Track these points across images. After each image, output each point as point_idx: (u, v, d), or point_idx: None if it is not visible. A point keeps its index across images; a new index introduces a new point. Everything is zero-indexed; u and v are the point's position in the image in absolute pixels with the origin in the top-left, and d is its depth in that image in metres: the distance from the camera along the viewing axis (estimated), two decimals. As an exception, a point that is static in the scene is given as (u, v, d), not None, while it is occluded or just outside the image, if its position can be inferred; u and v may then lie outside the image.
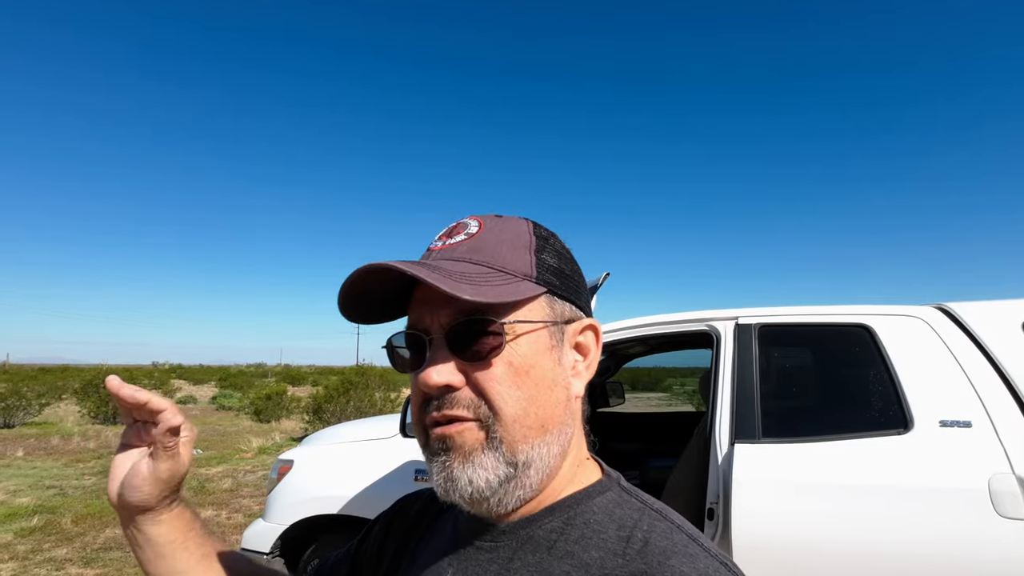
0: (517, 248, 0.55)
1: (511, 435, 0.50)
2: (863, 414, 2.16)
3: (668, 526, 0.51)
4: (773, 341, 2.41)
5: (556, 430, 0.53)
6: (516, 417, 0.50)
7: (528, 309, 0.53)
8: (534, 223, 0.59)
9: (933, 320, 2.21)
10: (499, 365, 0.50)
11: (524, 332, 0.52)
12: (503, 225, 0.57)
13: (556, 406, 0.53)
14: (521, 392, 0.50)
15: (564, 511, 0.53)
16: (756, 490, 2.03)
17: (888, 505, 1.90)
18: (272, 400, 15.56)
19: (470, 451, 0.50)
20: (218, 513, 6.34)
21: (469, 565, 0.55)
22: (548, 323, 0.54)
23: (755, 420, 2.20)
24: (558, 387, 0.53)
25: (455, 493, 0.50)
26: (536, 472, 0.51)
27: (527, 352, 0.51)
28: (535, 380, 0.51)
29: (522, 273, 0.54)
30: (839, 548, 1.91)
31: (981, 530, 1.80)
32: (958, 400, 2.02)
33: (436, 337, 0.52)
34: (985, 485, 1.85)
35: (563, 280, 0.56)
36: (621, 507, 0.53)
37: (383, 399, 12.26)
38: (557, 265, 0.57)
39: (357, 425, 3.50)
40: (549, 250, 0.57)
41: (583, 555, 0.50)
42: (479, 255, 0.54)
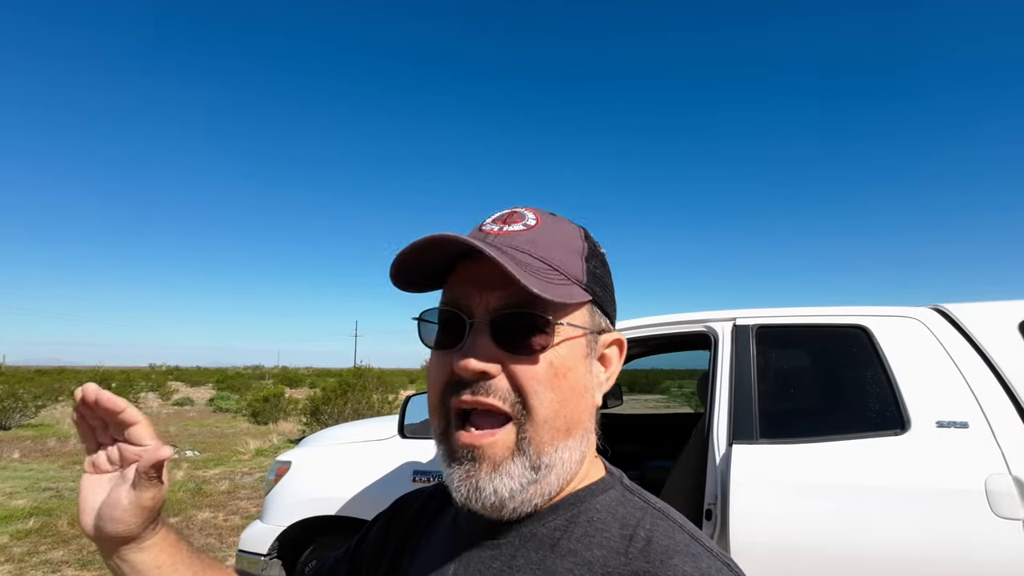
0: (572, 251, 0.55)
1: (540, 436, 0.50)
2: (860, 415, 2.17)
3: (671, 525, 0.51)
4: (771, 342, 2.41)
5: (580, 435, 0.53)
6: (547, 418, 0.50)
7: (576, 314, 0.54)
8: (585, 230, 0.60)
9: (930, 321, 2.22)
10: (542, 363, 0.50)
11: (568, 337, 0.52)
12: (558, 225, 0.58)
13: (583, 412, 0.54)
14: (555, 394, 0.51)
15: (567, 509, 0.53)
16: (754, 491, 2.04)
17: (886, 506, 1.91)
18: (269, 402, 15.53)
19: (500, 461, 0.50)
20: (215, 515, 6.32)
21: (471, 562, 0.54)
22: (588, 331, 0.55)
23: (753, 421, 2.20)
24: (588, 394, 0.54)
25: (477, 503, 0.50)
26: (556, 477, 0.52)
27: (567, 355, 0.52)
28: (570, 384, 0.52)
29: (575, 277, 0.54)
30: (837, 548, 1.91)
31: (978, 530, 1.81)
32: (955, 401, 2.03)
33: (479, 321, 0.51)
34: (982, 486, 1.86)
35: (604, 291, 0.58)
36: (624, 505, 0.54)
37: (381, 401, 12.24)
38: (601, 275, 0.58)
39: (355, 426, 3.49)
40: (596, 259, 0.58)
41: (586, 553, 0.50)
42: (538, 250, 0.53)
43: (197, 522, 6.04)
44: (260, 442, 11.46)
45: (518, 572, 0.51)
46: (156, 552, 0.58)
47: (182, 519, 6.16)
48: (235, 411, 19.04)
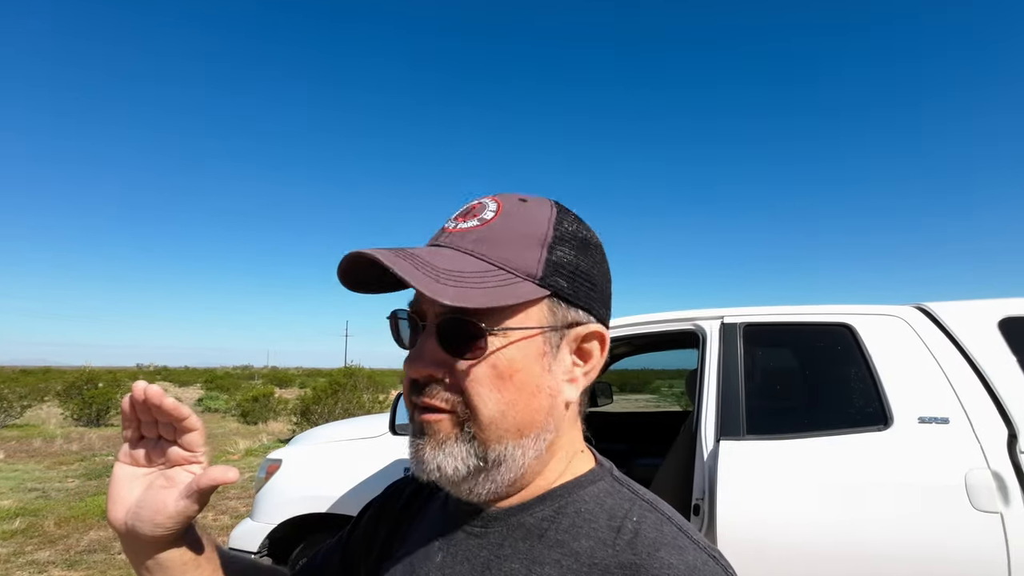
0: (528, 243, 0.51)
1: (485, 435, 0.50)
2: (845, 411, 2.21)
3: (658, 517, 0.51)
4: (757, 340, 2.45)
5: (534, 435, 0.51)
6: (492, 419, 0.49)
7: (526, 314, 0.51)
8: (559, 211, 0.55)
9: (912, 319, 2.26)
10: (482, 366, 0.49)
11: (516, 339, 0.50)
12: (521, 213, 0.53)
13: (537, 412, 0.51)
14: (501, 395, 0.49)
15: (555, 500, 0.53)
16: (741, 486, 2.07)
17: (869, 500, 1.94)
18: (259, 402, 15.43)
19: (443, 440, 0.50)
20: (204, 515, 6.28)
21: (459, 550, 0.54)
22: (545, 329, 0.51)
23: (740, 417, 2.24)
24: (542, 394, 0.51)
25: (423, 475, 0.51)
26: (507, 471, 0.51)
27: (514, 357, 0.50)
28: (517, 385, 0.50)
29: (525, 273, 0.50)
30: (822, 542, 1.94)
31: (958, 523, 1.85)
32: (936, 397, 2.07)
33: (429, 324, 0.52)
34: (962, 480, 1.90)
35: (575, 281, 0.53)
36: (612, 496, 0.53)
37: (371, 400, 12.21)
38: (572, 263, 0.53)
39: (345, 424, 3.50)
40: (567, 245, 0.53)
41: (573, 544, 0.50)
42: (484, 247, 0.51)
43: (186, 522, 6.00)
44: (250, 442, 11.39)
45: (505, 561, 0.51)
46: (184, 549, 0.57)
47: (171, 519, 6.12)
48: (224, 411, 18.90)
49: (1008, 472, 1.88)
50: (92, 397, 14.41)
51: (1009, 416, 1.98)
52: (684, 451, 2.49)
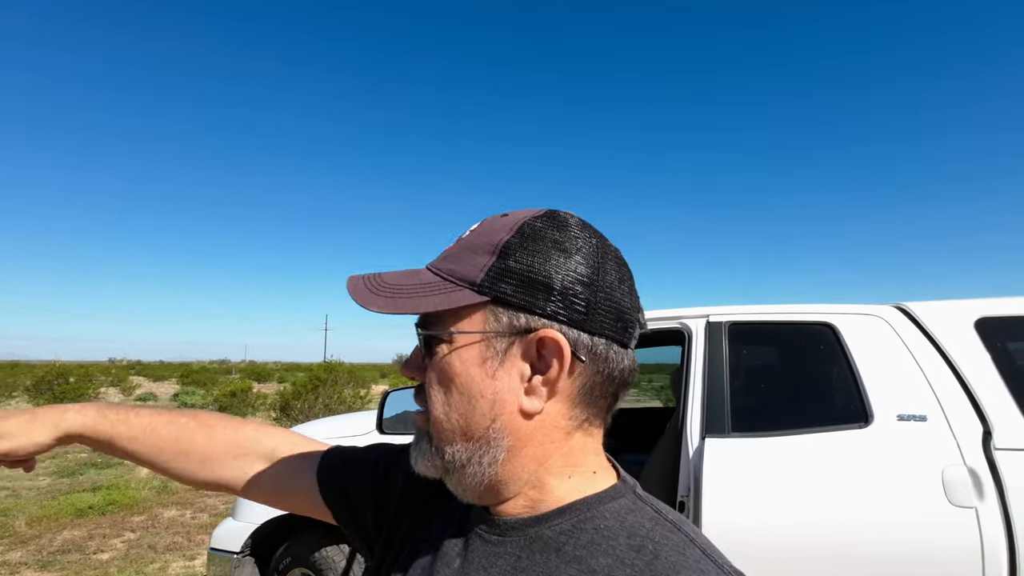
0: (478, 252, 0.52)
1: (437, 435, 0.54)
2: (826, 409, 2.25)
3: (681, 539, 0.49)
4: (742, 339, 2.48)
5: (483, 440, 0.52)
6: (438, 420, 0.53)
7: (469, 319, 0.52)
8: (535, 217, 0.53)
9: (892, 319, 2.31)
10: (433, 371, 0.54)
11: (462, 344, 0.52)
12: (493, 224, 0.55)
13: (481, 418, 0.51)
14: (445, 399, 0.53)
15: (575, 513, 0.52)
16: (725, 483, 2.10)
17: (850, 496, 1.99)
18: (237, 397, 15.26)
19: (418, 440, 0.57)
20: (182, 513, 6.19)
21: (476, 557, 0.54)
22: (486, 334, 0.51)
23: (725, 415, 2.27)
24: (483, 400, 0.51)
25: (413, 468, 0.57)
26: (471, 476, 0.53)
27: (452, 362, 0.52)
28: (458, 390, 0.52)
29: (466, 280, 0.52)
30: (805, 538, 1.98)
31: (935, 519, 1.90)
32: (915, 395, 2.12)
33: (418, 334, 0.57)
34: (939, 476, 1.95)
35: (524, 286, 0.50)
36: (634, 514, 0.52)
37: (353, 396, 12.12)
38: (523, 268, 0.50)
39: (330, 422, 3.46)
40: (526, 250, 0.51)
41: (591, 560, 0.49)
42: (441, 262, 0.56)
43: (163, 520, 5.90)
44: (228, 438, 11.23)
45: (522, 573, 0.51)
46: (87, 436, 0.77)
47: (147, 517, 6.01)
48: (201, 406, 18.62)
49: (983, 468, 1.93)
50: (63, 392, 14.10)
51: (984, 413, 2.03)
52: (669, 448, 2.52)
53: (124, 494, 6.66)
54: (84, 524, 5.74)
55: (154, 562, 4.69)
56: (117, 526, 5.68)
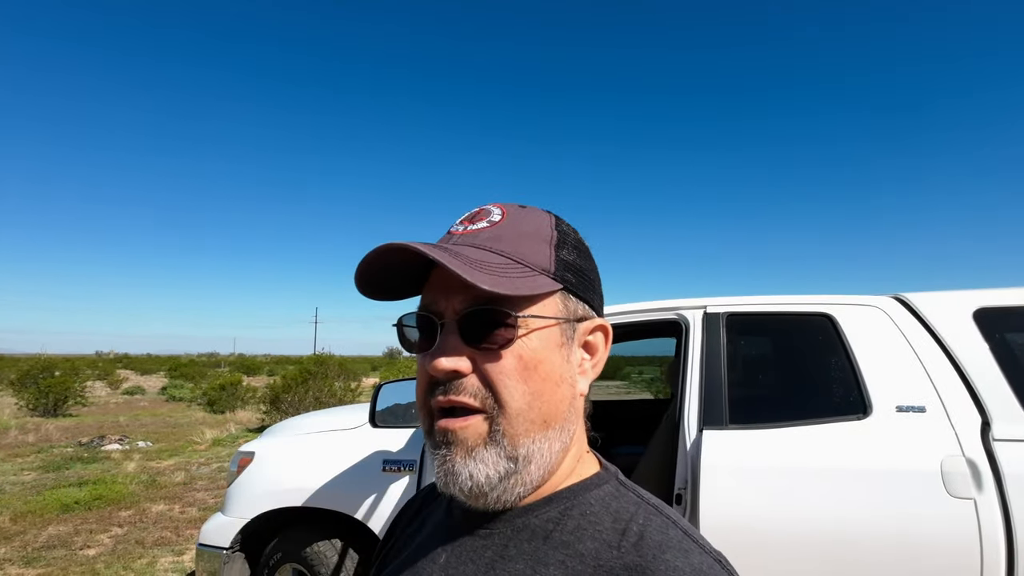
0: (537, 241, 0.55)
1: (514, 428, 0.50)
2: (825, 400, 2.23)
3: (664, 521, 0.52)
4: (740, 330, 2.46)
5: (559, 426, 0.53)
6: (520, 411, 0.50)
7: (543, 304, 0.53)
8: (556, 217, 0.60)
9: (891, 310, 2.29)
10: (509, 357, 0.50)
11: (537, 327, 0.52)
12: (525, 216, 0.57)
13: (561, 402, 0.53)
14: (527, 386, 0.51)
15: (561, 502, 0.54)
16: (723, 475, 2.08)
17: (849, 487, 1.97)
18: (226, 390, 15.13)
19: (472, 446, 0.50)
20: (171, 508, 6.12)
21: (463, 550, 0.54)
22: (561, 320, 0.54)
23: (723, 407, 2.24)
24: (564, 384, 0.53)
25: (455, 487, 0.51)
26: (537, 468, 0.52)
27: (537, 347, 0.52)
28: (542, 376, 0.51)
29: (541, 267, 0.53)
30: (804, 529, 1.96)
31: (934, 509, 1.89)
32: (913, 386, 2.11)
33: (448, 322, 0.52)
34: (938, 467, 1.94)
35: (579, 278, 0.57)
36: (618, 500, 0.54)
37: (343, 389, 12.05)
38: (575, 262, 0.57)
39: (321, 415, 3.41)
40: (568, 246, 0.57)
41: (578, 545, 0.50)
42: (500, 245, 0.54)
43: (151, 515, 5.83)
44: (217, 432, 11.14)
45: (510, 562, 0.51)
46: None
47: (135, 512, 5.94)
48: (190, 400, 18.49)
49: (982, 459, 1.92)
50: (48, 386, 13.90)
51: (983, 405, 2.02)
52: (666, 440, 2.49)
53: (111, 489, 6.57)
54: (70, 519, 5.65)
55: (142, 557, 4.63)
56: (104, 521, 5.61)
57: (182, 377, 26.67)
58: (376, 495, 2.64)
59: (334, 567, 2.66)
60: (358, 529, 2.76)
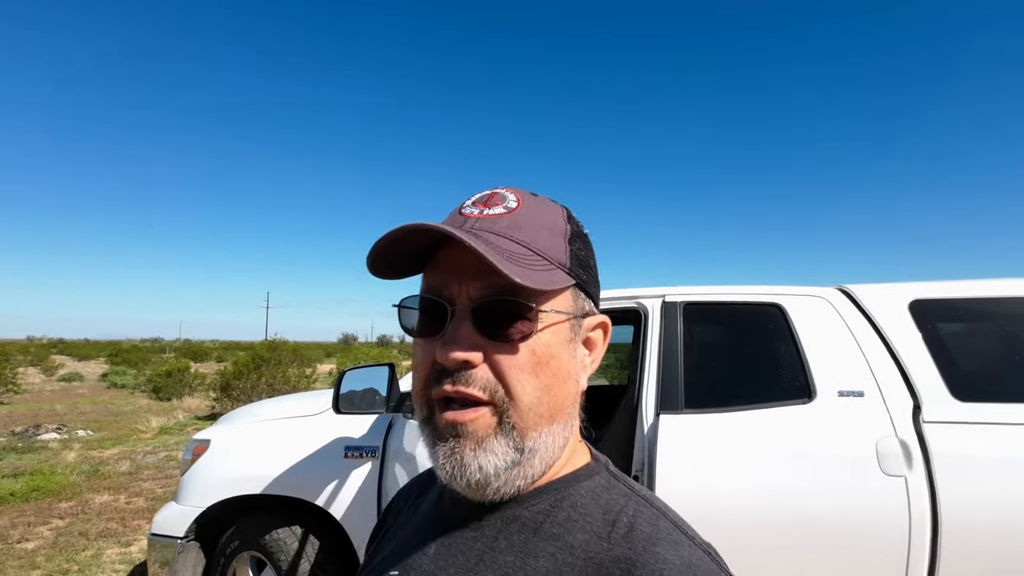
0: (555, 234, 0.54)
1: (524, 422, 0.50)
2: (774, 385, 2.35)
3: (654, 512, 0.52)
4: (696, 318, 2.55)
5: (564, 421, 0.53)
6: (531, 405, 0.50)
7: (559, 299, 0.53)
8: (567, 209, 0.59)
9: (835, 300, 2.43)
10: (523, 351, 0.50)
11: (552, 323, 0.52)
12: (541, 206, 0.56)
13: (567, 398, 0.53)
14: (539, 381, 0.50)
15: (551, 493, 0.54)
16: (678, 457, 2.17)
17: (794, 467, 2.09)
18: (173, 377, 14.60)
19: (483, 437, 0.49)
20: (116, 498, 5.91)
21: (453, 542, 0.54)
22: (572, 316, 0.54)
23: (679, 392, 2.34)
24: (571, 380, 0.54)
25: (462, 479, 0.49)
26: (540, 461, 0.52)
27: (551, 342, 0.51)
28: (553, 371, 0.51)
29: (558, 261, 0.53)
30: (752, 508, 2.08)
31: (869, 487, 2.03)
32: (854, 372, 2.24)
33: (461, 309, 0.50)
34: (873, 447, 2.08)
35: (588, 274, 0.56)
36: (608, 491, 0.54)
37: (298, 375, 11.81)
38: (585, 257, 0.57)
39: (279, 402, 3.35)
40: (580, 240, 0.57)
41: (568, 537, 0.50)
42: (520, 234, 0.52)
43: (95, 506, 5.61)
44: (164, 419, 10.77)
45: (500, 554, 0.51)
46: None
47: (77, 503, 5.70)
48: (133, 387, 17.75)
49: (912, 440, 2.07)
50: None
51: (915, 389, 2.17)
52: (624, 425, 2.58)
53: (50, 480, 6.28)
54: (6, 512, 5.39)
55: (86, 550, 4.46)
56: (43, 513, 5.36)
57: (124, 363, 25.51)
58: (338, 481, 2.63)
59: (294, 553, 2.64)
60: (319, 516, 2.75)
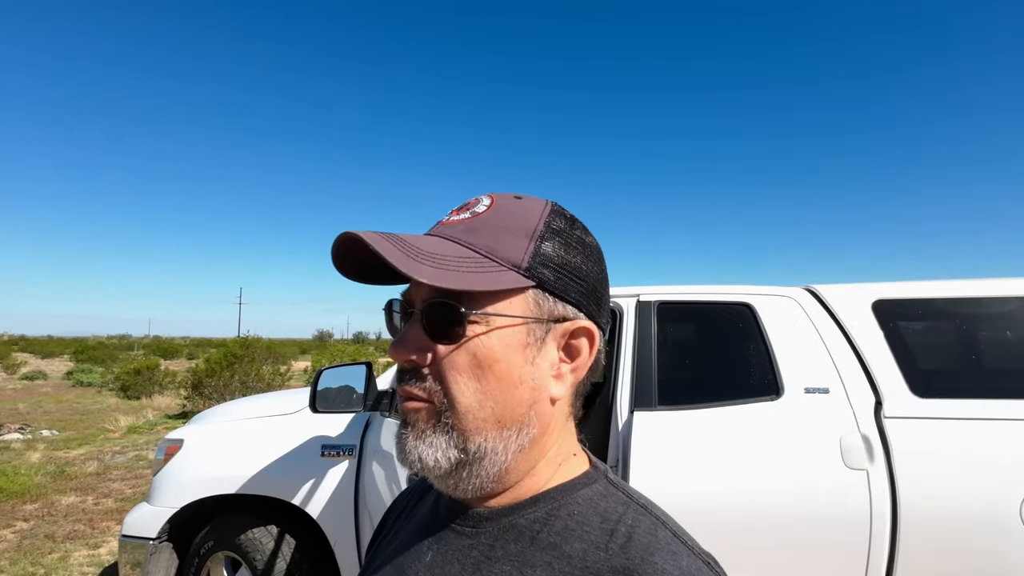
0: (515, 235, 0.51)
1: (463, 424, 0.49)
2: (744, 383, 2.42)
3: (652, 521, 0.51)
4: (670, 317, 2.61)
5: (516, 428, 0.51)
6: (469, 408, 0.49)
7: (509, 302, 0.50)
8: (555, 209, 0.55)
9: (802, 300, 2.51)
10: (462, 354, 0.49)
11: (499, 326, 0.49)
12: (514, 207, 0.54)
13: (518, 405, 0.50)
14: (479, 384, 0.49)
15: (548, 502, 0.52)
16: (651, 454, 2.22)
17: (763, 463, 2.16)
18: (142, 375, 14.29)
19: (423, 429, 0.50)
20: (83, 499, 5.78)
21: (449, 549, 0.53)
22: (530, 320, 0.51)
23: (652, 390, 2.39)
24: (524, 386, 0.51)
25: (405, 463, 0.51)
26: (492, 465, 0.50)
27: (495, 346, 0.49)
28: (497, 375, 0.49)
29: (510, 262, 0.50)
30: (723, 503, 2.13)
31: (833, 480, 2.11)
32: (819, 370, 2.32)
33: (416, 311, 0.52)
34: (837, 442, 2.16)
35: (562, 275, 0.52)
36: (606, 499, 0.53)
37: (272, 373, 11.66)
38: (561, 258, 0.52)
39: (254, 401, 3.32)
40: (558, 240, 0.53)
41: (565, 547, 0.49)
42: (472, 237, 0.51)
43: (61, 508, 5.48)
44: (133, 418, 10.53)
45: (496, 563, 0.50)
46: None
47: (42, 505, 5.56)
48: (100, 385, 17.30)
49: (874, 435, 2.16)
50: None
51: (876, 386, 2.26)
52: (599, 421, 2.63)
53: (12, 481, 6.11)
54: (-34, 515, 5.23)
55: (52, 552, 4.36)
56: (7, 516, 5.22)
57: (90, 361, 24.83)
58: (314, 480, 2.63)
59: (270, 553, 2.63)
60: (296, 515, 2.74)
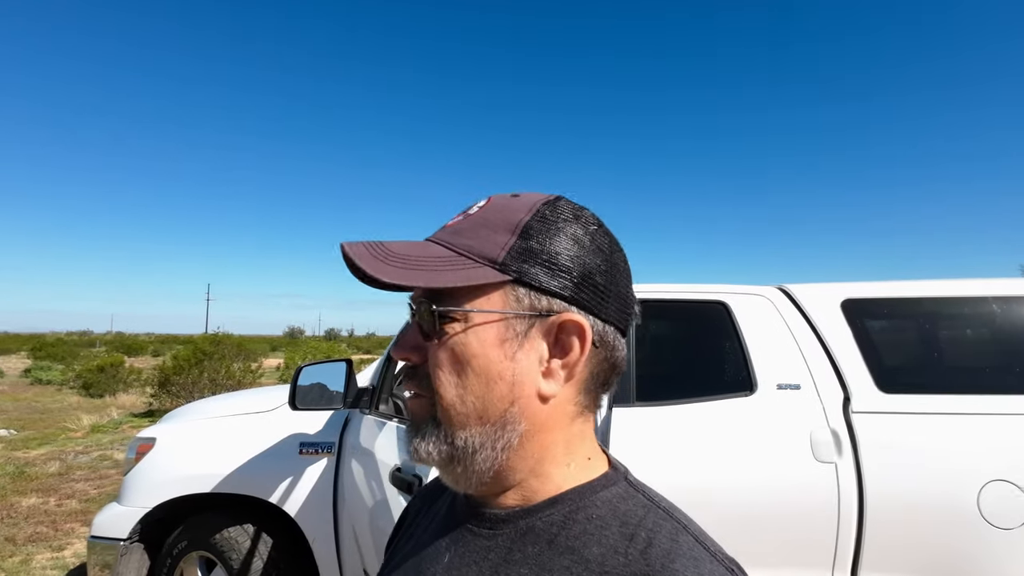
0: (496, 231, 0.51)
1: (447, 419, 0.51)
2: (719, 379, 2.49)
3: (674, 526, 0.49)
4: (648, 314, 2.66)
5: (498, 424, 0.50)
6: (451, 403, 0.50)
7: (487, 298, 0.50)
8: (551, 203, 0.54)
9: (775, 299, 2.58)
10: (443, 351, 0.50)
11: (477, 322, 0.50)
12: (503, 204, 0.54)
13: (498, 401, 0.50)
14: (459, 380, 0.50)
15: (566, 503, 0.51)
16: (628, 449, 2.27)
17: (737, 457, 2.23)
18: (105, 372, 13.89)
19: (420, 423, 0.52)
20: (45, 501, 5.60)
21: (467, 551, 0.53)
22: (506, 315, 0.50)
23: (630, 386, 2.44)
24: (501, 383, 0.50)
25: (409, 456, 0.53)
26: (484, 460, 0.50)
27: (471, 342, 0.50)
28: (475, 371, 0.50)
29: (486, 258, 0.50)
30: (699, 496, 2.19)
31: (804, 473, 2.18)
32: (791, 366, 2.40)
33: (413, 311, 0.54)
34: (808, 437, 2.23)
35: (548, 269, 0.50)
36: (626, 502, 0.51)
37: (243, 370, 11.44)
38: (547, 250, 0.50)
39: (231, 398, 3.27)
40: (547, 234, 0.51)
41: (584, 551, 0.48)
42: (455, 237, 0.52)
43: (22, 510, 5.31)
44: (96, 417, 10.24)
45: (514, 566, 0.49)
46: None
47: (1, 507, 5.37)
48: (60, 383, 16.76)
49: (842, 429, 2.24)
50: None
51: (845, 382, 2.35)
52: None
53: (-31, 483, 5.89)
54: (-81, 518, 5.02)
55: (14, 555, 4.22)
56: (-37, 519, 5.03)
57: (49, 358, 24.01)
58: (292, 478, 2.61)
59: (247, 552, 2.60)
60: (273, 514, 2.71)
